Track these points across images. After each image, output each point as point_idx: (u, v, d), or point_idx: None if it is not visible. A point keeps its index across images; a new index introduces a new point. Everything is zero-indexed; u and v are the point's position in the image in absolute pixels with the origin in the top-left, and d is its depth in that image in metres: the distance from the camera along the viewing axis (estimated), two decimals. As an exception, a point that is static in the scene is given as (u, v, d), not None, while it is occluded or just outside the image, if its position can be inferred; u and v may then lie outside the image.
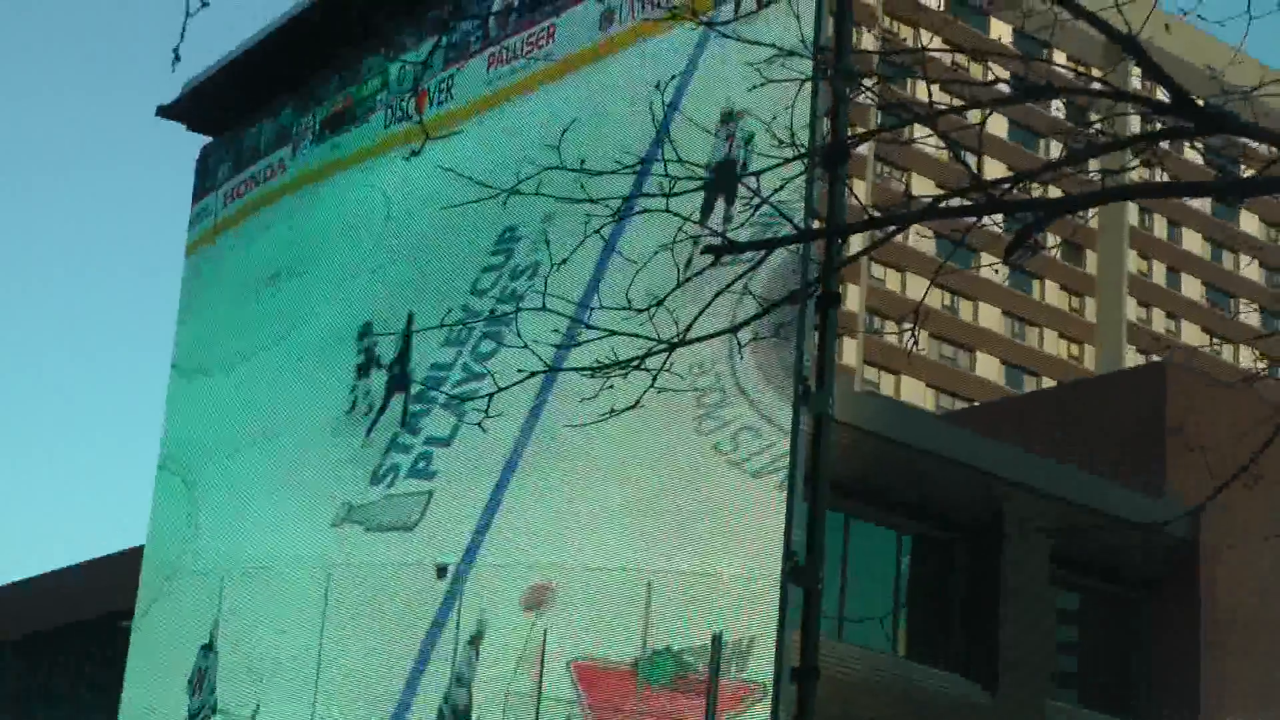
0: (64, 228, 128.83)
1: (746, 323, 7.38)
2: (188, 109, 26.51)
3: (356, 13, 19.87)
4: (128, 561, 26.32)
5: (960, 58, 8.27)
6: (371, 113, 23.15)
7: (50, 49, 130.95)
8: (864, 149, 77.89)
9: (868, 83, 9.27)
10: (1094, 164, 7.98)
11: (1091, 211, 7.65)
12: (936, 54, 7.93)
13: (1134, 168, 7.97)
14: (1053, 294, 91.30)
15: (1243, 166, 9.11)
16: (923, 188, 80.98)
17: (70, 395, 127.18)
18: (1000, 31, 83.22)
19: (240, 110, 25.78)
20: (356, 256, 22.57)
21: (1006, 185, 7.05)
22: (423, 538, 19.42)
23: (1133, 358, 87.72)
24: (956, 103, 7.63)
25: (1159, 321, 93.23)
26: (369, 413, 21.01)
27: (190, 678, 22.41)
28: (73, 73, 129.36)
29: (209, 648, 22.31)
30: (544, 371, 7.37)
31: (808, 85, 11.29)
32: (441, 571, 18.83)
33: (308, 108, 24.48)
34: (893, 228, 7.06)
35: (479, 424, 7.78)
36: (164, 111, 26.65)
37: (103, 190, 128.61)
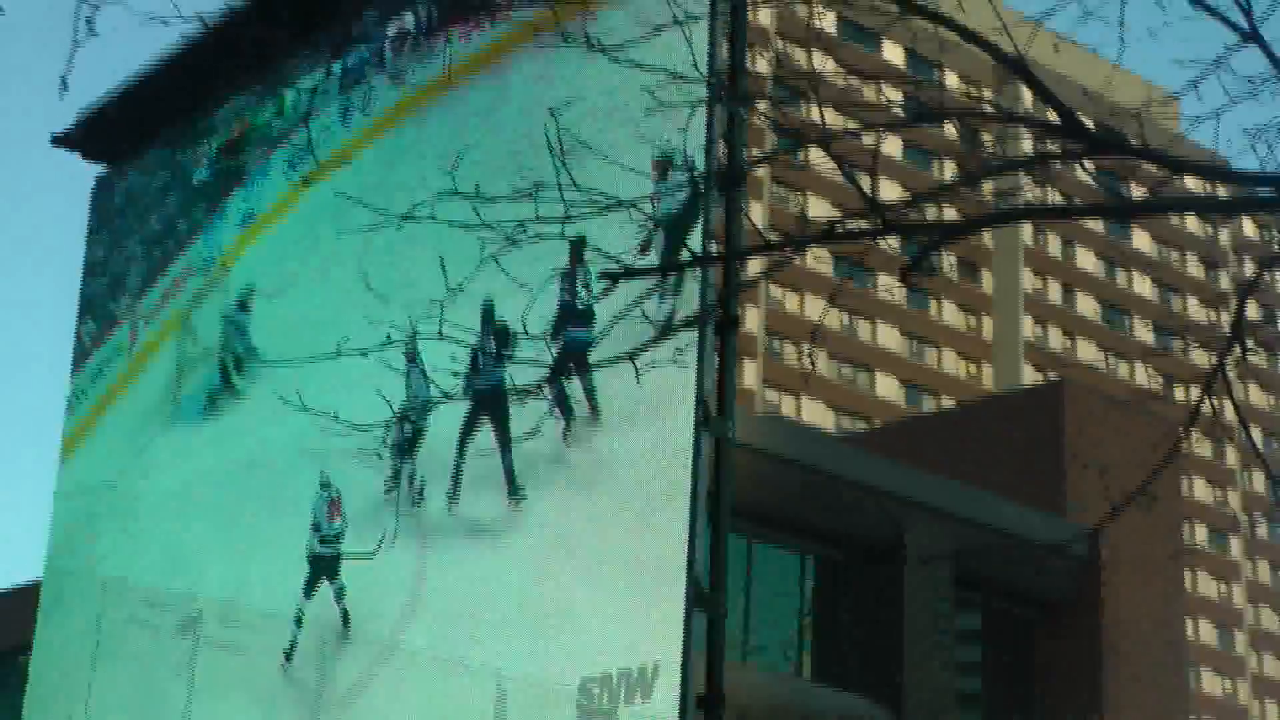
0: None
1: (645, 347, 7.32)
2: (82, 137, 26.23)
3: (250, 41, 19.68)
4: (33, 595, 25.99)
5: (854, 80, 8.27)
6: (267, 140, 23.00)
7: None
8: (760, 170, 78.22)
9: (762, 106, 9.26)
10: (987, 185, 8.00)
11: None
12: (830, 78, 7.92)
13: (1027, 190, 7.99)
14: (950, 313, 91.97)
15: (1132, 186, 9.17)
16: (819, 208, 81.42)
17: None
18: (892, 53, 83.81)
19: (135, 138, 25.53)
20: None
21: (902, 208, 7.05)
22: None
23: (1030, 375, 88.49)
24: (851, 125, 7.62)
25: (1055, 339, 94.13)
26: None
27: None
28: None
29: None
30: (445, 400, 7.27)
31: (702, 109, 11.27)
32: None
33: (202, 135, 24.30)
34: (791, 251, 7.03)
35: (376, 452, 7.66)
36: (58, 140, 26.36)
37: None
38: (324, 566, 19.84)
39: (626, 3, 7.15)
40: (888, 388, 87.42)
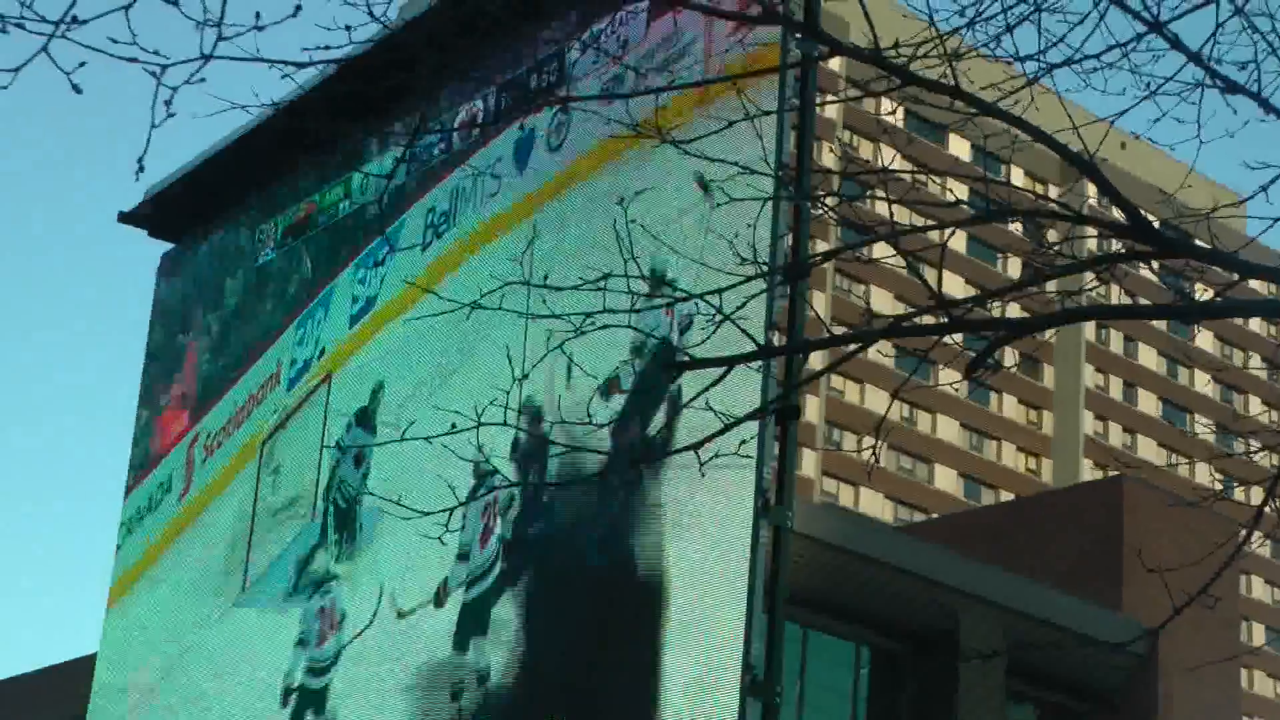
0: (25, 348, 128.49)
1: (710, 439, 7.40)
2: (149, 215, 26.48)
3: (318, 124, 19.92)
4: (83, 668, 26.03)
5: (920, 174, 8.36)
6: (334, 220, 23.07)
7: (11, 153, 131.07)
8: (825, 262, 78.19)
9: (829, 201, 9.37)
10: (1052, 284, 8.07)
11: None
12: (896, 174, 8.02)
13: (1092, 288, 8.05)
14: (1010, 407, 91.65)
15: (1198, 287, 9.22)
16: (882, 300, 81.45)
17: (29, 497, 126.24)
18: (958, 148, 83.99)
19: (201, 217, 25.77)
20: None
21: (969, 305, 7.12)
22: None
23: (1089, 472, 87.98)
24: (917, 220, 7.71)
25: (1116, 436, 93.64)
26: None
27: None
28: (36, 177, 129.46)
29: None
30: (514, 485, 7.36)
31: (770, 202, 11.40)
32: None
33: (269, 215, 24.41)
34: (855, 346, 7.11)
35: (439, 538, 7.75)
36: (125, 218, 26.61)
37: (65, 296, 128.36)
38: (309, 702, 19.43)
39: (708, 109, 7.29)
40: (946, 480, 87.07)
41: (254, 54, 6.69)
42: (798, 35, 14.80)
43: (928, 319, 6.98)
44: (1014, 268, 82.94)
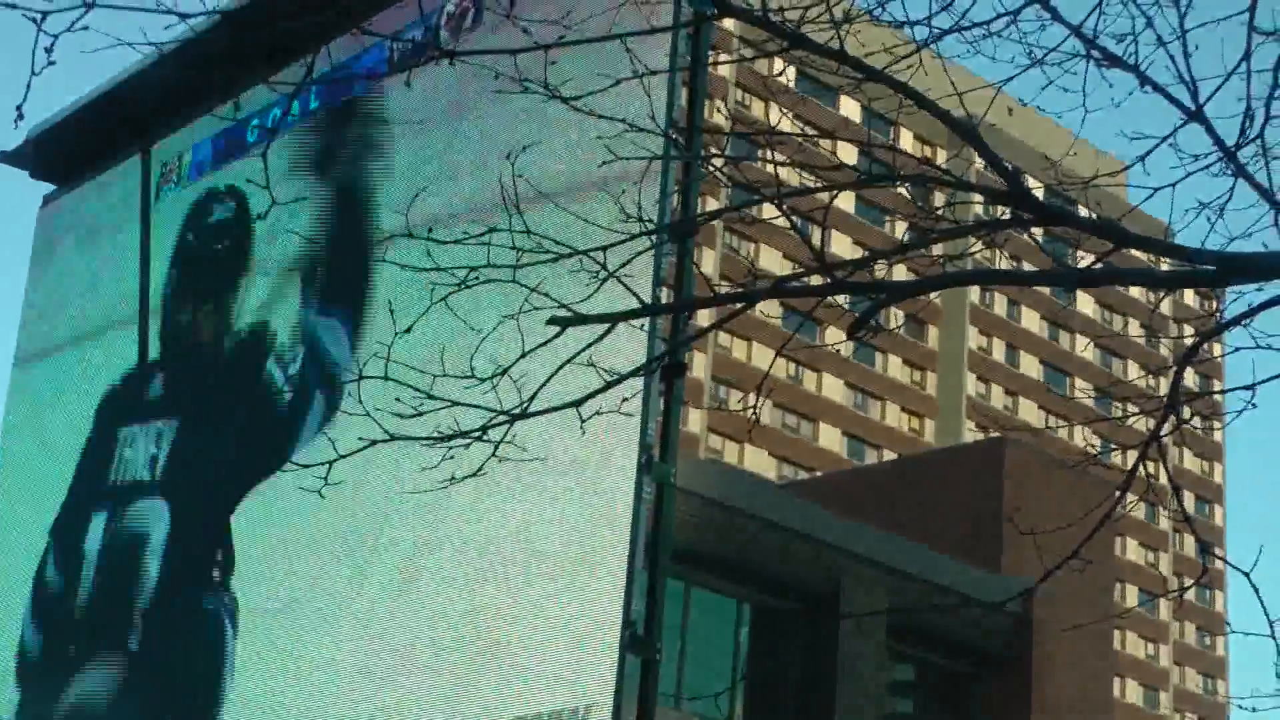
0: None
1: (591, 395, 7.40)
2: (30, 156, 26.13)
3: (204, 67, 19.68)
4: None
5: (810, 134, 8.38)
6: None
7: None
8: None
9: (717, 161, 9.38)
10: (937, 247, 8.13)
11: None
12: (786, 135, 8.04)
13: (975, 252, 8.12)
14: (895, 368, 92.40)
15: (1080, 254, 9.32)
16: (769, 258, 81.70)
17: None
18: (849, 109, 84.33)
19: (84, 158, 25.43)
20: None
21: (853, 266, 7.16)
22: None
23: (971, 433, 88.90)
24: (806, 181, 7.74)
25: (998, 398, 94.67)
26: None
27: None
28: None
29: None
30: (387, 440, 7.33)
31: (658, 160, 11.40)
32: None
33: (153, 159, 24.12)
34: (741, 305, 7.13)
35: (319, 491, 7.70)
36: (5, 158, 26.27)
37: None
38: None
39: (587, 52, 7.25)
40: (831, 438, 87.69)
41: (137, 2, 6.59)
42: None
43: (814, 280, 7.01)
44: (900, 230, 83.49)
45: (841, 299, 8.08)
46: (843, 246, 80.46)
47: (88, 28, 6.81)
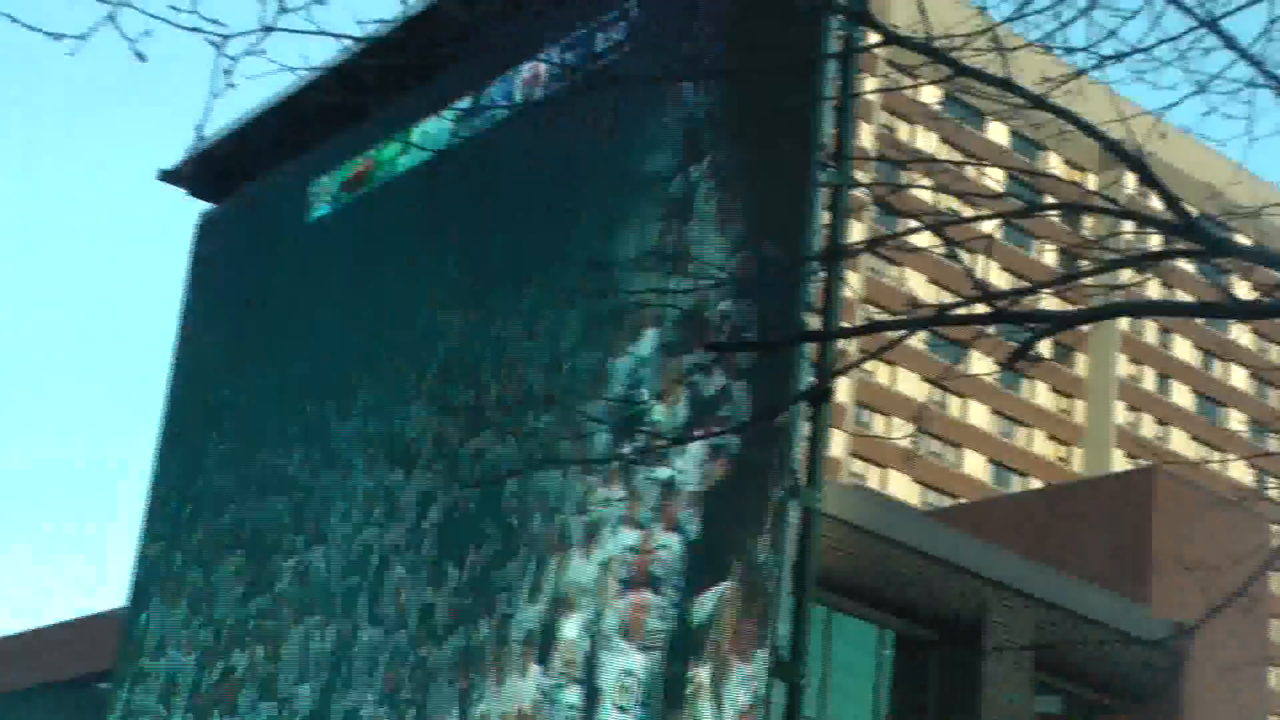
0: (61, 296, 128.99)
1: (745, 425, 7.40)
2: (190, 174, 26.52)
3: (365, 88, 19.89)
4: (107, 624, 26.20)
5: (957, 158, 8.32)
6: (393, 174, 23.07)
7: (51, 113, 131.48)
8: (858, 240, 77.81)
9: (865, 182, 9.37)
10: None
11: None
12: (939, 161, 7.98)
13: (1132, 283, 8.02)
14: (1042, 394, 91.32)
15: (1235, 278, 9.17)
16: (917, 282, 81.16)
17: (58, 454, 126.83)
18: (997, 132, 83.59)
19: (242, 176, 25.79)
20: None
21: (1013, 296, 7.09)
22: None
23: (1120, 462, 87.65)
24: (955, 203, 7.69)
25: (1148, 427, 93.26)
26: None
27: None
28: (76, 136, 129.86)
29: None
30: (557, 464, 7.37)
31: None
32: None
33: (323, 170, 24.35)
34: (902, 333, 7.10)
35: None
36: (166, 176, 26.68)
37: (101, 255, 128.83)
38: None
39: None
40: (975, 466, 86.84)
41: (313, 26, 6.70)
42: (839, 17, 14.67)
43: (973, 308, 6.95)
44: (1049, 254, 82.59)
45: (992, 327, 8.01)
46: (991, 272, 79.70)
47: (265, 52, 6.94)
